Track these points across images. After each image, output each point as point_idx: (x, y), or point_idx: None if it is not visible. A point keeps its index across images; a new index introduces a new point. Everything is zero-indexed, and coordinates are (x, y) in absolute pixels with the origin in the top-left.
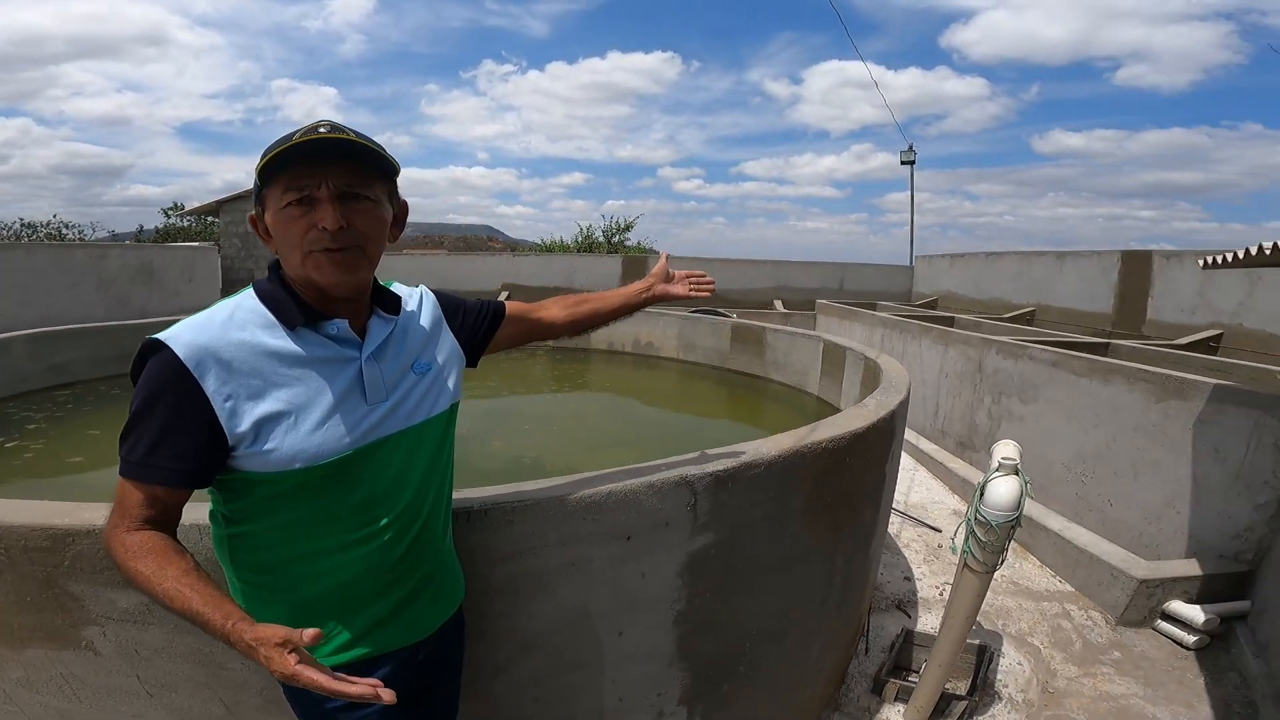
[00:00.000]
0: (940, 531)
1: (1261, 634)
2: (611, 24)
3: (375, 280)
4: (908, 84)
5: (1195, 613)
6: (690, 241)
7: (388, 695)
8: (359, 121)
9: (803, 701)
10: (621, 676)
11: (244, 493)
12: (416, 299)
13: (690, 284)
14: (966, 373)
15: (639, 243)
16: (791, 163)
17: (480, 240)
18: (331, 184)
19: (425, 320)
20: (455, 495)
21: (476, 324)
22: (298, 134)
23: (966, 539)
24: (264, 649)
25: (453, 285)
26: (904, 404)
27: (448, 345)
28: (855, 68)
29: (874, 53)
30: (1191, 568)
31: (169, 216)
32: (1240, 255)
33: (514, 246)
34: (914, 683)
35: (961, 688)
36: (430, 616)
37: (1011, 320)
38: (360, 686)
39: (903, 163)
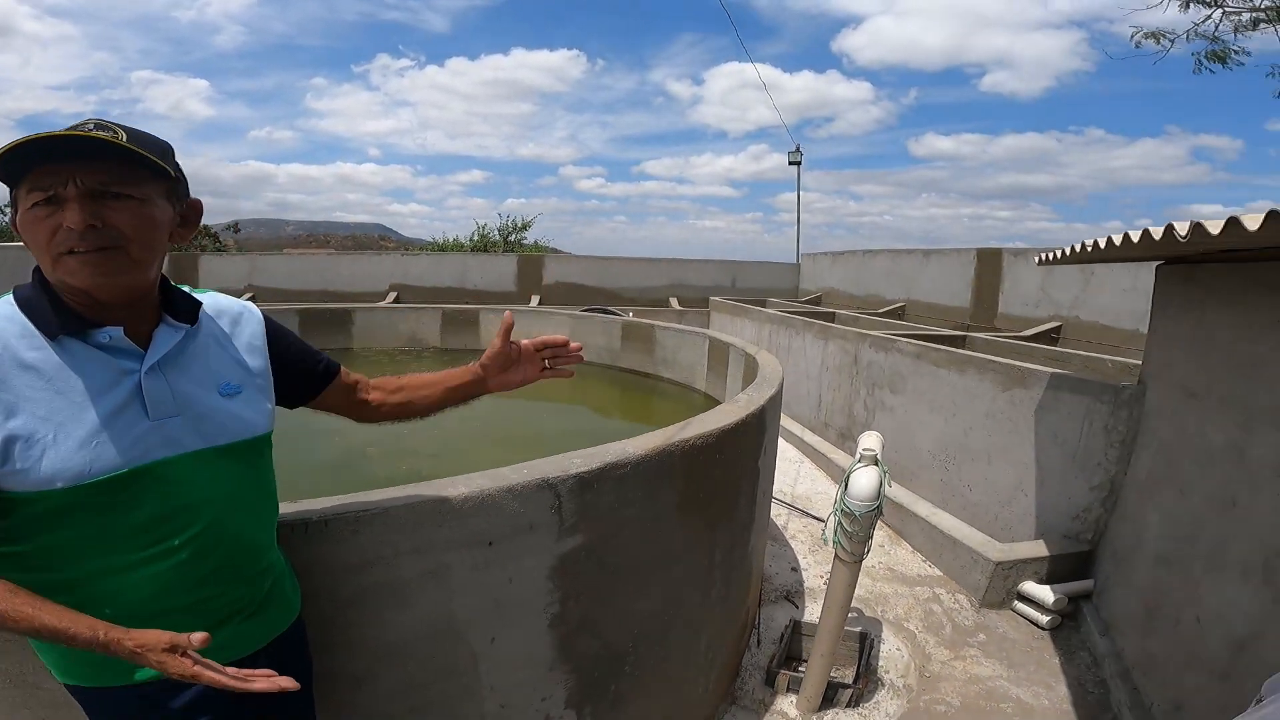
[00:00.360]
0: (824, 521)
1: (1105, 612)
2: (516, 20)
3: (171, 285)
4: (801, 86)
5: (1046, 593)
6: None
7: (287, 683)
8: (233, 115)
9: (697, 697)
10: (500, 683)
11: (9, 512)
12: (234, 314)
13: (546, 362)
14: (844, 366)
15: (537, 241)
16: (691, 162)
17: (371, 239)
18: (80, 181)
19: (242, 339)
20: (296, 506)
21: (301, 369)
22: (51, 133)
23: (836, 530)
24: (153, 655)
25: (336, 287)
26: (775, 399)
27: (265, 372)
28: (753, 70)
29: (771, 55)
30: (1040, 549)
31: (4, 214)
32: (1067, 252)
33: (408, 246)
34: (804, 673)
35: (848, 675)
36: (252, 633)
37: (885, 315)
38: (262, 681)
39: (790, 163)
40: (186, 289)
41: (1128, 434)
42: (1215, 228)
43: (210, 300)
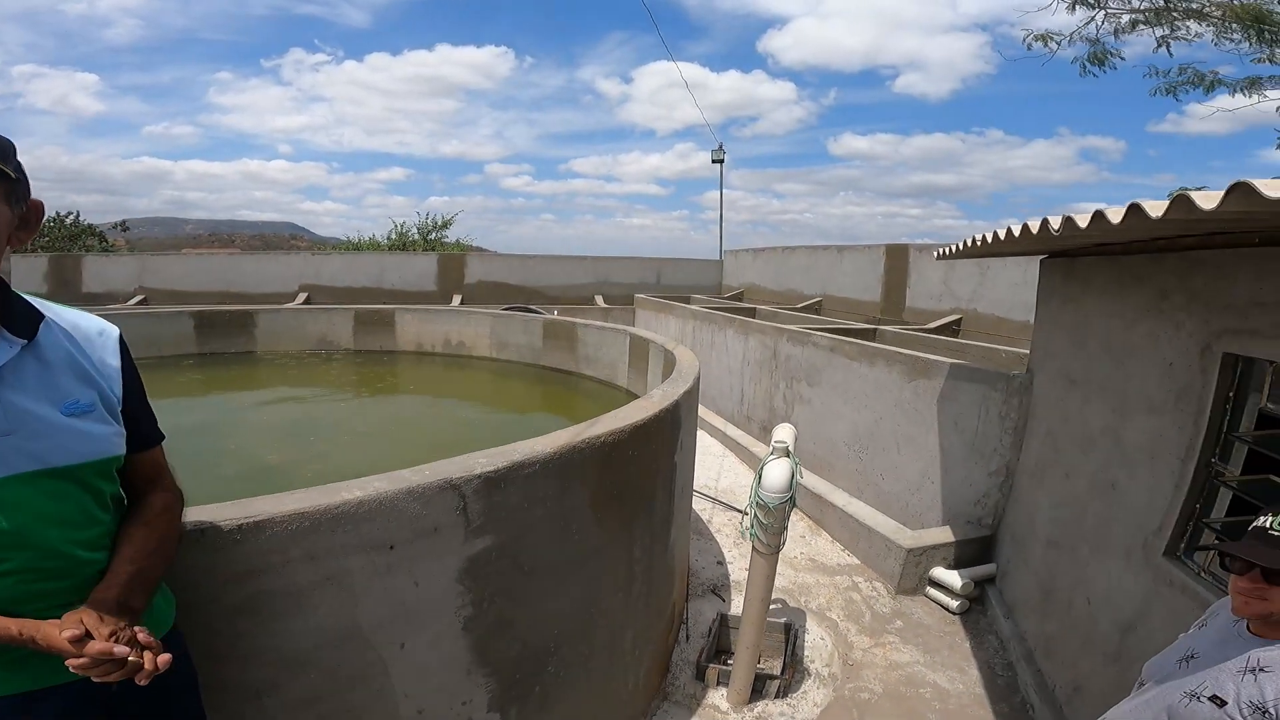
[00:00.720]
0: (748, 514)
1: (1008, 595)
2: (442, 16)
3: (12, 294)
4: (728, 86)
5: (954, 579)
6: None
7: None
8: (126, 110)
9: (628, 694)
10: (415, 689)
11: None
12: (90, 332)
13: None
14: (765, 361)
15: (459, 240)
16: (619, 160)
17: (282, 239)
18: None
19: (96, 357)
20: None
21: (129, 414)
22: None
23: (752, 523)
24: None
25: (239, 289)
26: (690, 394)
27: (118, 394)
28: (682, 68)
29: (699, 55)
30: (947, 535)
31: None
32: (961, 246)
33: (323, 245)
34: (733, 666)
35: (775, 666)
36: None
37: (803, 309)
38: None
39: (713, 161)
40: (36, 301)
41: (1019, 421)
42: (1084, 221)
43: (67, 315)
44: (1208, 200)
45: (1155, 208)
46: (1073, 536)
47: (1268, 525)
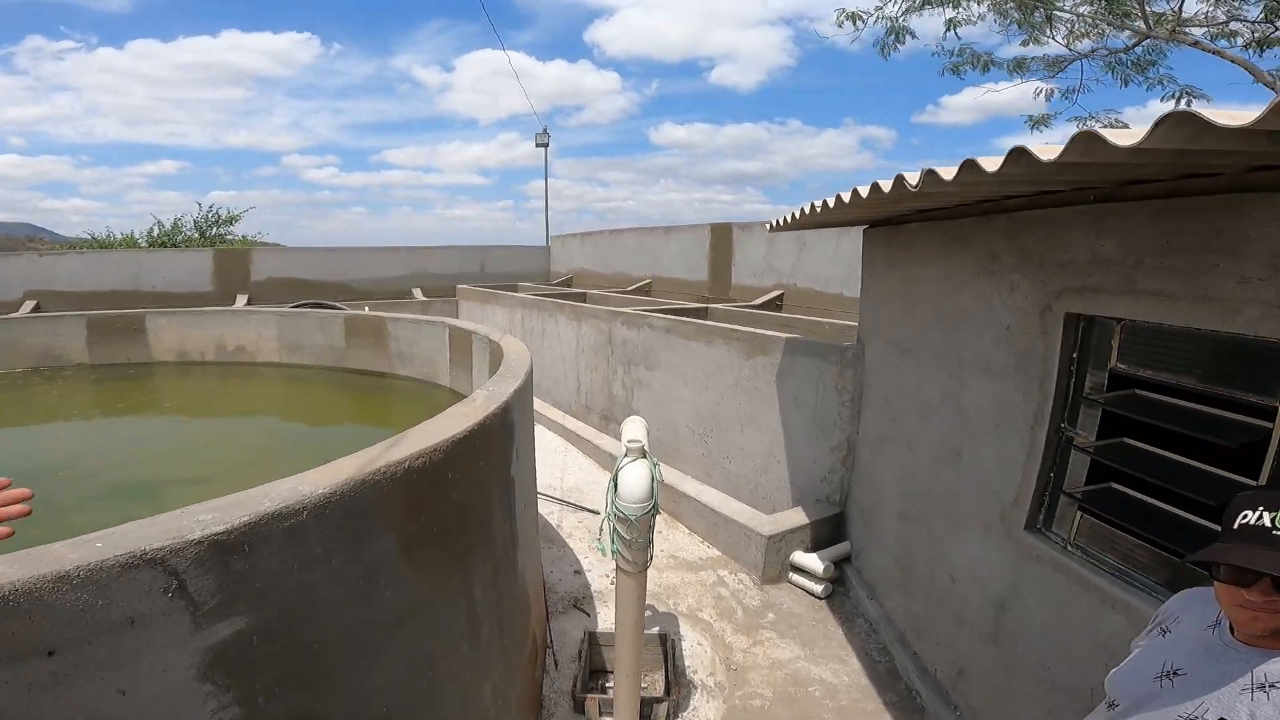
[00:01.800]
0: (600, 514)
1: (867, 574)
2: (229, 2)
3: None
4: (554, 76)
5: (815, 563)
6: (325, 233)
7: None
8: None
9: None
10: None
11: None
12: None
13: None
14: (600, 346)
15: (245, 236)
16: (439, 150)
17: (16, 241)
18: None
19: None
20: None
21: None
22: None
23: (613, 540)
24: None
25: None
26: (523, 390)
27: None
28: (506, 57)
29: (524, 44)
30: (800, 517)
31: None
32: (791, 218)
33: (62, 246)
34: (613, 693)
35: (658, 683)
36: None
37: (633, 292)
38: None
39: (537, 145)
40: None
41: (855, 393)
42: (914, 178)
43: None
44: (1046, 152)
45: (990, 163)
46: (924, 510)
47: (1270, 524)
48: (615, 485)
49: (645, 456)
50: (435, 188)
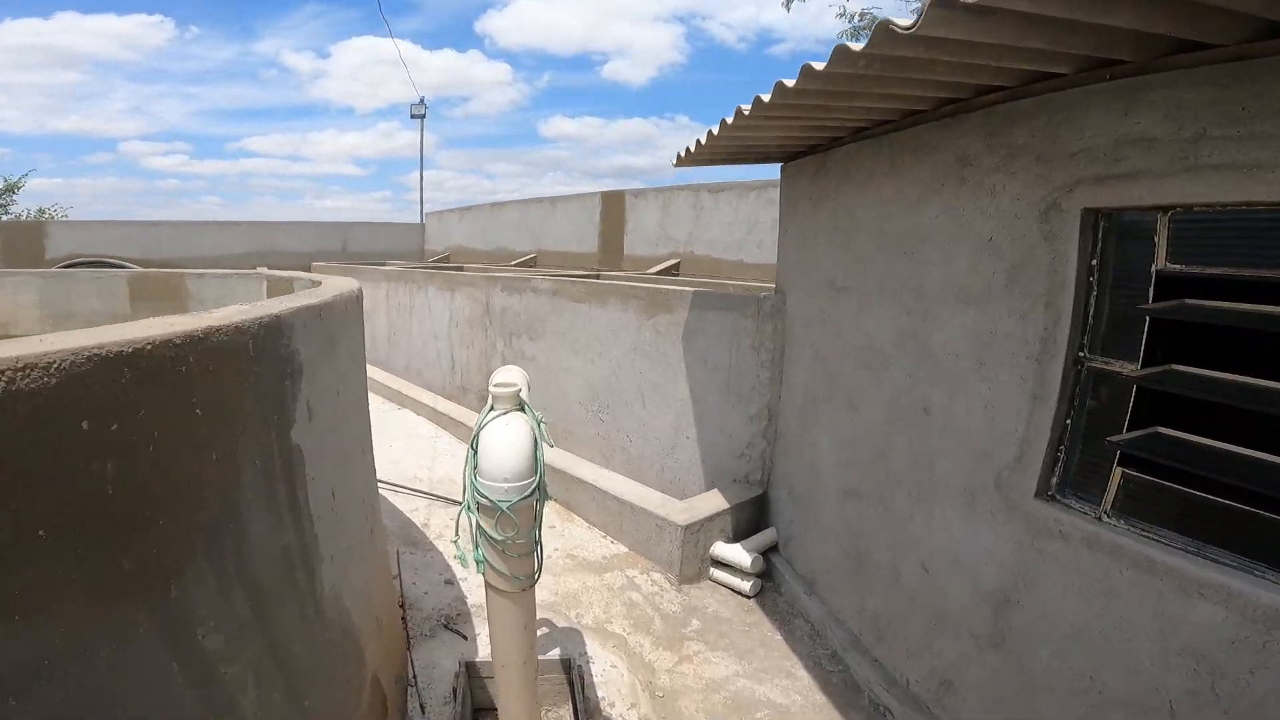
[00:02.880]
0: (460, 533)
1: (801, 565)
2: None
3: None
4: (442, 65)
5: (740, 555)
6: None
7: None
8: None
9: None
10: None
11: None
12: None
13: None
14: (476, 318)
15: (44, 209)
16: (309, 139)
17: None
18: None
19: None
20: None
21: None
22: None
23: (476, 543)
24: None
25: None
26: (319, 314)
27: None
28: (389, 45)
29: (410, 31)
30: (718, 502)
31: None
32: (703, 141)
33: None
34: None
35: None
36: None
37: (517, 266)
38: None
39: (413, 116)
40: None
41: (776, 350)
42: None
43: None
44: None
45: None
46: (878, 483)
47: None
48: (475, 454)
49: (524, 410)
50: (304, 177)
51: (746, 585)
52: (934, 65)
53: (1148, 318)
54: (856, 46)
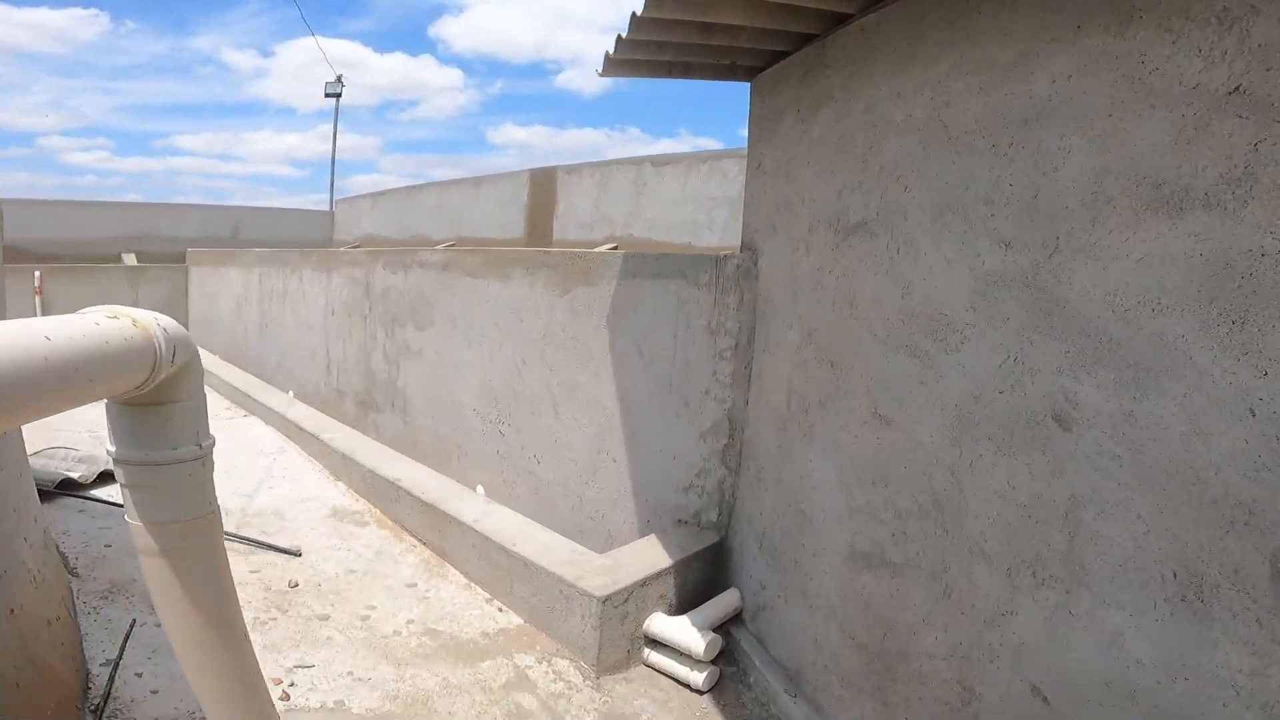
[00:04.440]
0: (299, 556)
1: (779, 649)
2: None
3: None
4: (391, 68)
5: (689, 636)
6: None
7: None
8: None
9: None
10: None
11: None
12: None
13: None
14: (355, 303)
15: None
16: (244, 138)
17: None
18: None
19: None
20: None
21: None
22: None
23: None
24: None
25: None
26: None
27: None
28: (340, 46)
29: (360, 32)
30: (655, 555)
31: None
32: (639, 13)
33: None
34: None
35: None
36: None
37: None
38: None
39: (327, 95)
40: None
41: (742, 333)
42: None
43: None
44: None
45: None
46: (931, 545)
47: None
48: None
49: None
50: (235, 177)
51: (699, 677)
52: None
53: None
54: None
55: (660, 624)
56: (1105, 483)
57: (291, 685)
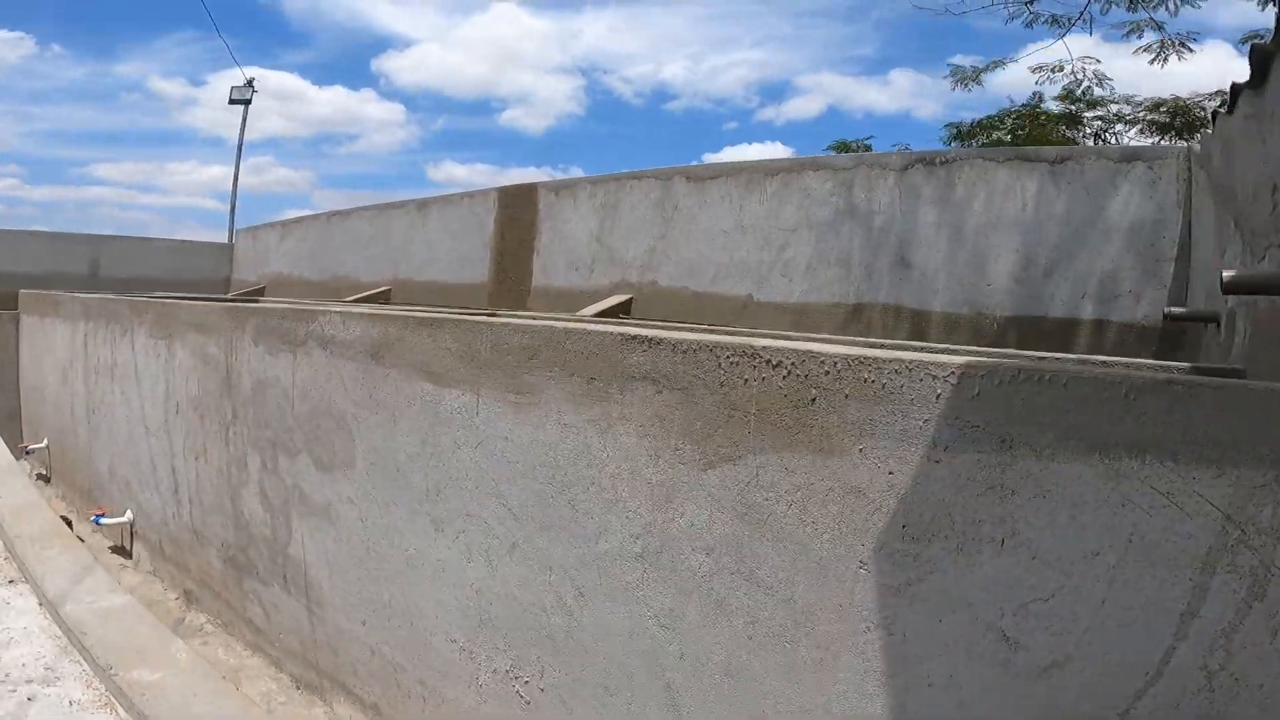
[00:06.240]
0: None
1: None
2: None
3: None
4: (329, 100)
5: None
6: None
7: None
8: None
9: None
10: None
11: None
12: None
13: None
14: (209, 398)
15: None
16: (167, 169)
17: None
18: None
19: None
20: None
21: None
22: None
23: None
24: None
25: None
26: None
27: None
28: (278, 77)
29: (299, 64)
30: None
31: None
32: None
33: None
34: None
35: None
36: None
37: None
38: None
39: (232, 101)
40: None
41: None
42: None
43: None
44: None
45: None
46: None
47: None
48: None
49: None
50: (155, 209)
51: None
52: None
53: None
54: None
55: None
56: None
57: None
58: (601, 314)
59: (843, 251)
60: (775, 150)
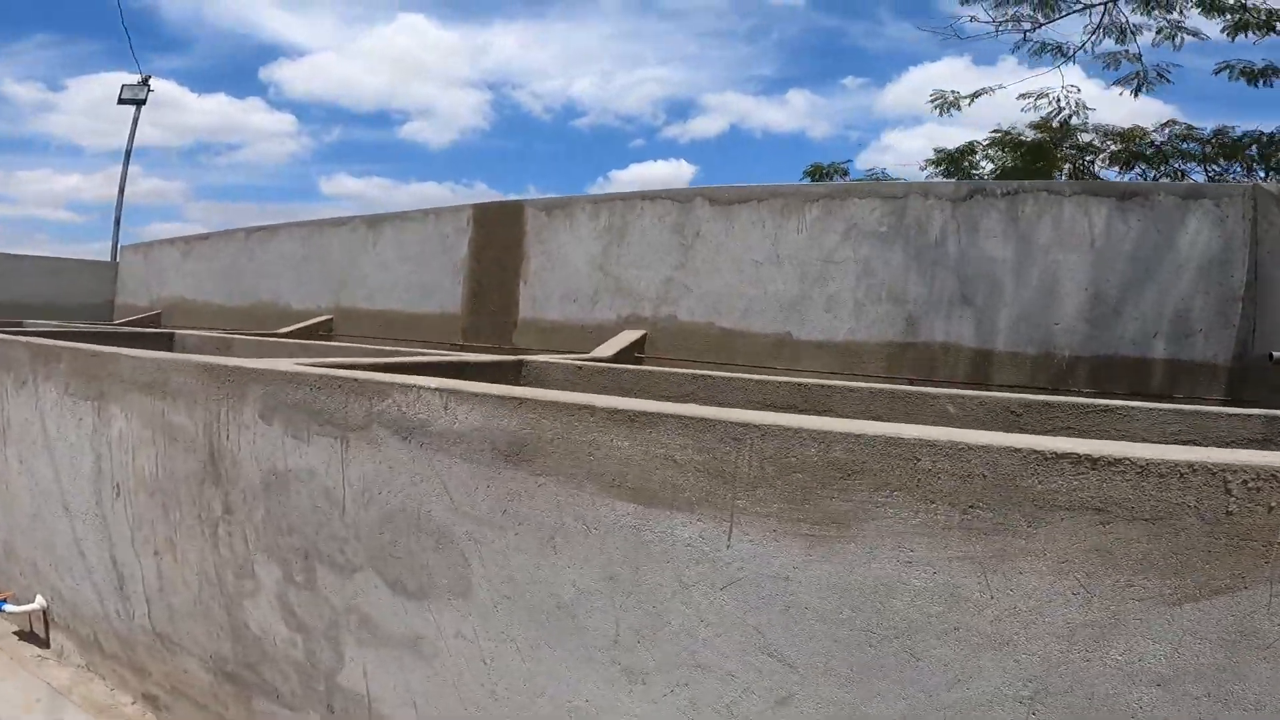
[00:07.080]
0: None
1: None
2: None
3: None
4: (210, 109)
5: None
6: None
7: None
8: None
9: None
10: None
11: None
12: None
13: None
14: (184, 483)
15: None
16: (16, 177)
17: None
18: None
19: None
20: None
21: None
22: None
23: None
24: None
25: None
26: None
27: None
28: (151, 83)
29: (177, 70)
30: None
31: None
32: None
33: None
34: None
35: None
36: None
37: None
38: None
39: (121, 101)
40: None
41: None
42: None
43: None
44: None
45: None
46: None
47: None
48: None
49: None
50: (1, 220)
51: None
52: None
53: None
54: None
55: None
56: None
57: None
58: (617, 355)
59: (895, 285)
60: (680, 169)
